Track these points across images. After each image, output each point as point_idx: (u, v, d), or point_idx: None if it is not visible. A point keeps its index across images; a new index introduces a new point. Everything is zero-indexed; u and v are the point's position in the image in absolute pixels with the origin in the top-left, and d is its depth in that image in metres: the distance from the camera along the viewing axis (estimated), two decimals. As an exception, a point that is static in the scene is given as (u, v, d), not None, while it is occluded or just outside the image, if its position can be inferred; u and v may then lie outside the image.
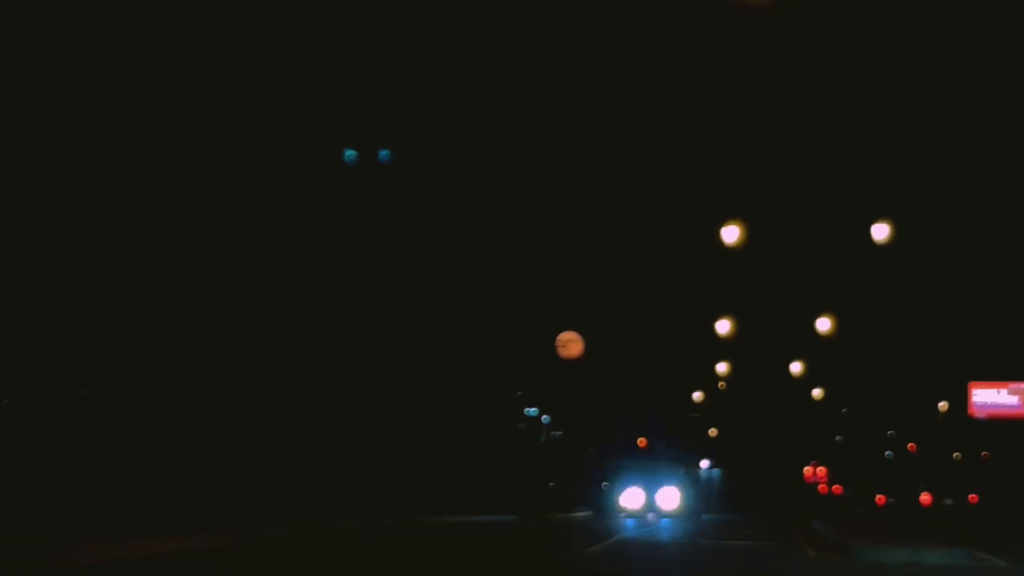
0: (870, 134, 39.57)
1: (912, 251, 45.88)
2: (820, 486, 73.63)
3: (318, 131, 37.42)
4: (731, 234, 36.54)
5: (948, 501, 47.45)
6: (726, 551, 24.04)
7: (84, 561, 16.69)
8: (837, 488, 70.80)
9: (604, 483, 45.54)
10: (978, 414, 62.06)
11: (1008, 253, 50.62)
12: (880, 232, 35.30)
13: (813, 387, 73.91)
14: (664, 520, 38.28)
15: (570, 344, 42.05)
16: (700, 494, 47.36)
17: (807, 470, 75.36)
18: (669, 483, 40.45)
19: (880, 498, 51.76)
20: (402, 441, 40.18)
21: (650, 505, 40.08)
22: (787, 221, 49.31)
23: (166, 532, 20.42)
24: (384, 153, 37.99)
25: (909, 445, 69.03)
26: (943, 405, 65.66)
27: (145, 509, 26.05)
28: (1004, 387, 61.66)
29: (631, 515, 39.93)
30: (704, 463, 75.26)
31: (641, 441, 68.26)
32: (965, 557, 21.75)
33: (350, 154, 37.31)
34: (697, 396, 77.72)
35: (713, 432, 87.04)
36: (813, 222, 49.76)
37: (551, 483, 50.94)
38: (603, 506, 44.01)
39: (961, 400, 62.44)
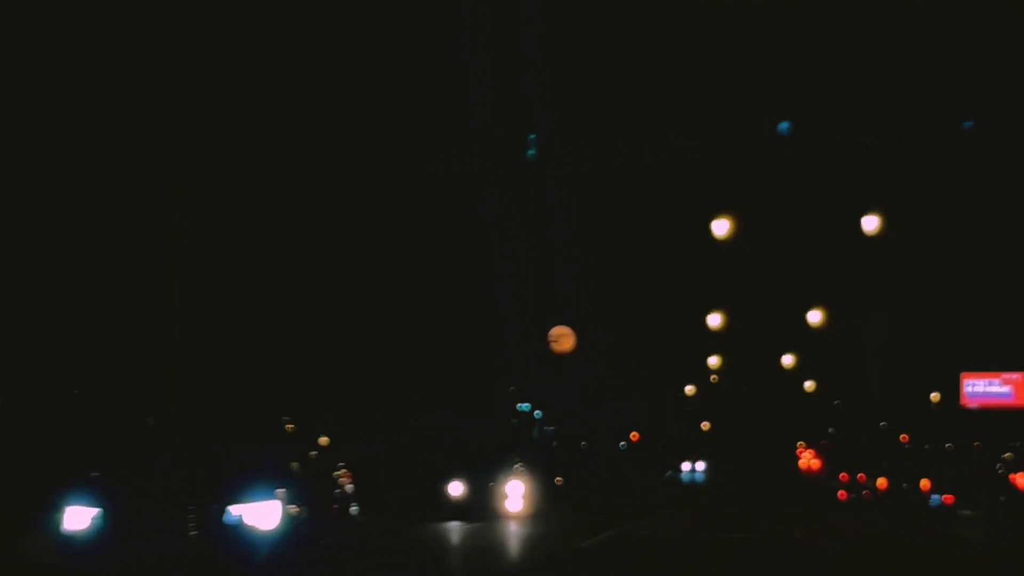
0: (861, 127, 39.73)
1: (902, 243, 46.02)
2: (800, 462, 74.60)
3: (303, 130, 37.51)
4: (722, 227, 36.62)
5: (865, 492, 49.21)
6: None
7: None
8: (815, 463, 71.70)
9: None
10: (970, 404, 62.14)
11: (999, 243, 50.81)
12: (870, 224, 35.39)
13: (805, 379, 74.12)
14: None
15: (562, 339, 42.07)
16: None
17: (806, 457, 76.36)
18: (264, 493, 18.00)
19: (843, 475, 53.10)
20: (399, 432, 40.22)
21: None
22: (778, 214, 49.46)
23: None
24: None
25: (902, 436, 69.21)
26: (935, 395, 65.74)
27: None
28: (996, 377, 61.72)
29: None
30: (686, 465, 74.83)
31: (634, 436, 68.34)
32: None
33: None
34: (689, 389, 77.99)
35: (706, 425, 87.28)
36: (804, 215, 49.92)
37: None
38: None
39: (953, 390, 62.51)
